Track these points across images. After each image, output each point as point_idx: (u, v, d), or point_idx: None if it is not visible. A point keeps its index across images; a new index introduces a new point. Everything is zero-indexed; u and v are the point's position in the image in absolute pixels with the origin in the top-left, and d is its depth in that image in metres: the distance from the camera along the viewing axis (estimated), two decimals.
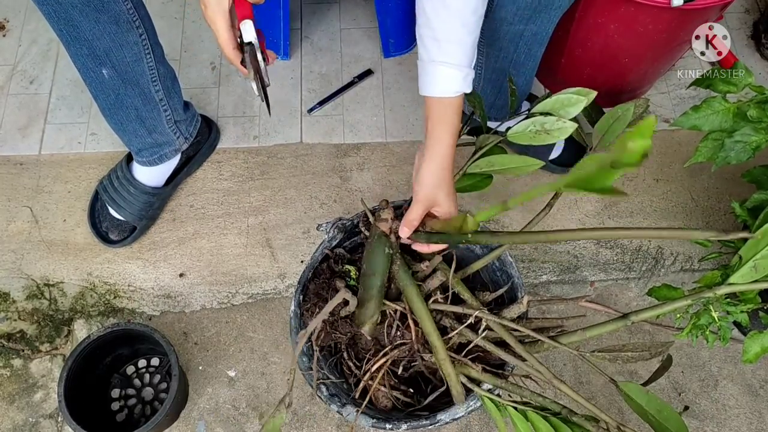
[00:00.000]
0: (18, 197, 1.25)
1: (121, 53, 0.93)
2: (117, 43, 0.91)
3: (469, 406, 0.80)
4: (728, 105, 0.90)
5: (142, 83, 1.00)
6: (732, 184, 1.29)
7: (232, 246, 1.21)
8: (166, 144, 1.14)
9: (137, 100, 1.02)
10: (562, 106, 0.79)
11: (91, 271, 1.18)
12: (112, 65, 0.94)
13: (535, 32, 0.96)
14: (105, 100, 1.01)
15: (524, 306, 0.82)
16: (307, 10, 1.49)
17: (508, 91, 1.12)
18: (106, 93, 0.99)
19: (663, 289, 0.85)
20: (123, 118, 1.05)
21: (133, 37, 0.93)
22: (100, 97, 1.01)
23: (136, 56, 0.95)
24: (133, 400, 1.07)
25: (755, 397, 1.11)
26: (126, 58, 0.94)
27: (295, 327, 0.87)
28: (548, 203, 0.88)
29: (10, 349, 1.12)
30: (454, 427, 1.07)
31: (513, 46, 0.99)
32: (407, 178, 1.28)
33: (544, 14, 0.92)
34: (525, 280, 1.20)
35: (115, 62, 0.94)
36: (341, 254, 0.92)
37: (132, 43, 0.93)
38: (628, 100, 0.87)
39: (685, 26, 1.08)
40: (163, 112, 1.08)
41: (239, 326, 1.14)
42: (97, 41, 0.89)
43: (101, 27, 0.88)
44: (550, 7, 0.90)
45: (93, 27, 0.87)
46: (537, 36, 0.97)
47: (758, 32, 1.44)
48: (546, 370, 0.74)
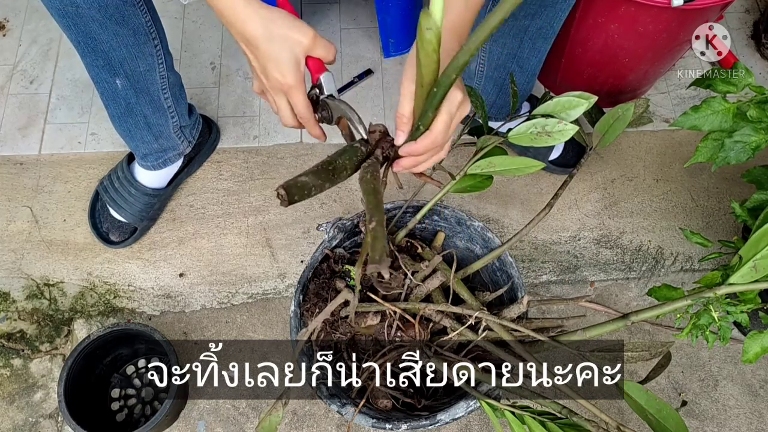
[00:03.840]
0: (18, 197, 1.25)
1: (135, 64, 0.93)
2: (133, 55, 0.91)
3: (468, 406, 0.80)
4: (728, 105, 0.90)
5: (153, 92, 1.00)
6: (732, 184, 1.29)
7: (232, 246, 1.21)
8: (171, 149, 1.15)
9: (147, 108, 1.02)
10: (563, 108, 0.79)
11: (91, 270, 1.18)
12: (125, 75, 0.94)
13: (540, 27, 0.95)
14: (116, 108, 1.01)
15: (524, 306, 0.82)
16: (307, 10, 1.49)
17: (508, 91, 1.12)
18: (118, 102, 0.99)
19: (663, 289, 0.85)
20: (132, 126, 1.05)
21: (149, 48, 0.93)
22: (111, 105, 1.01)
23: (149, 66, 0.96)
24: (133, 399, 1.07)
25: (755, 397, 1.11)
26: (140, 68, 0.94)
27: (295, 327, 0.87)
28: (548, 203, 0.88)
29: (10, 349, 1.12)
30: (454, 427, 1.07)
31: (517, 41, 0.97)
32: (407, 178, 1.28)
33: (551, 9, 0.91)
34: (525, 280, 1.20)
35: (129, 72, 0.94)
36: (341, 254, 0.92)
37: (147, 54, 0.93)
38: (629, 100, 0.87)
39: (685, 26, 1.08)
40: (170, 119, 1.08)
41: (239, 326, 1.14)
42: (113, 52, 0.89)
43: (119, 40, 0.88)
44: (556, 2, 0.89)
45: (111, 39, 0.87)
46: (542, 31, 0.96)
47: (758, 32, 1.44)
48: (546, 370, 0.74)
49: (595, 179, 1.30)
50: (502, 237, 1.23)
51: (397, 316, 0.83)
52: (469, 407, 0.80)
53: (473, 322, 0.80)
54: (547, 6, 0.90)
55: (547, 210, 0.88)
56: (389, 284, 0.86)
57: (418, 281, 0.85)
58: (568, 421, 0.73)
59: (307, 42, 0.64)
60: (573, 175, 0.88)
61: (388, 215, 0.95)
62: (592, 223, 1.25)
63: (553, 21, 0.94)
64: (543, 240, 1.24)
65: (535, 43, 0.98)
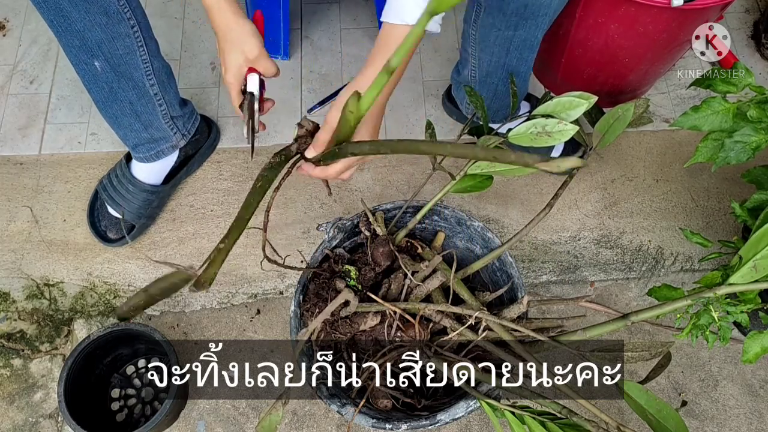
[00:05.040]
0: (18, 197, 1.25)
1: (113, 45, 0.93)
2: (108, 35, 0.91)
3: (468, 406, 0.80)
4: (728, 105, 0.90)
5: (136, 77, 1.00)
6: (732, 184, 1.29)
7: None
8: (163, 140, 1.14)
9: (131, 93, 1.02)
10: (563, 108, 0.79)
11: (91, 270, 1.18)
12: (104, 58, 0.94)
13: (524, 38, 0.98)
14: (98, 92, 1.01)
15: (524, 306, 0.82)
16: (307, 10, 1.49)
17: (503, 95, 1.13)
18: (100, 86, 0.99)
19: (663, 290, 0.85)
20: (117, 112, 1.04)
21: (124, 29, 0.93)
22: (93, 89, 1.01)
23: (128, 49, 0.95)
24: (133, 400, 1.07)
25: (755, 397, 1.11)
26: (118, 51, 0.94)
27: (295, 327, 0.87)
28: (548, 203, 0.88)
29: (10, 349, 1.12)
30: (454, 427, 1.07)
31: (504, 51, 1.01)
32: (407, 178, 1.28)
33: (531, 21, 0.94)
34: (525, 280, 1.20)
35: (107, 54, 0.94)
36: (341, 254, 0.92)
37: (123, 35, 0.93)
38: (629, 100, 0.87)
39: (685, 26, 1.08)
40: (158, 107, 1.07)
41: (239, 326, 1.14)
42: (88, 32, 0.89)
43: (91, 18, 0.88)
44: (536, 15, 0.92)
45: (83, 18, 0.87)
46: (526, 42, 0.99)
47: (758, 32, 1.44)
48: (546, 370, 0.75)
49: (595, 179, 1.30)
50: (502, 237, 1.23)
51: (397, 316, 0.83)
52: (469, 407, 0.80)
53: (473, 322, 0.80)
54: (528, 18, 0.93)
55: (547, 210, 0.88)
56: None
57: (418, 281, 0.85)
58: (568, 421, 0.73)
59: (251, 57, 0.80)
60: (573, 175, 0.88)
61: (388, 215, 0.95)
62: (592, 223, 1.25)
63: (536, 32, 0.97)
64: (543, 240, 1.24)
65: (522, 53, 1.02)
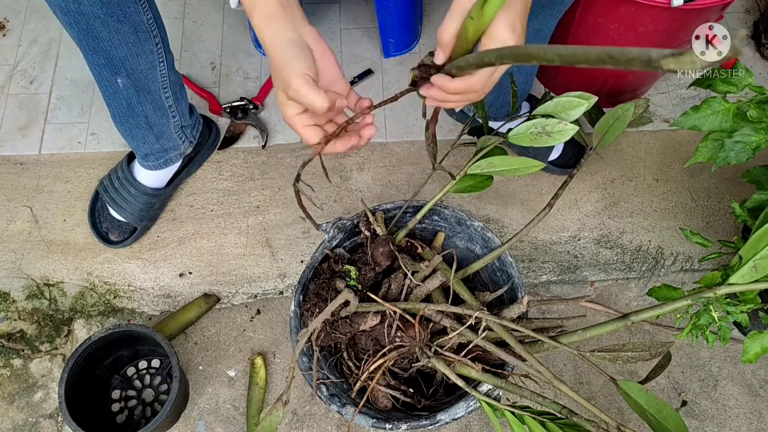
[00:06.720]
0: (18, 197, 1.25)
1: (136, 62, 0.93)
2: (134, 52, 0.91)
3: (468, 406, 0.80)
4: (728, 105, 0.90)
5: (154, 90, 1.00)
6: (732, 184, 1.29)
7: (232, 246, 1.21)
8: (172, 149, 1.15)
9: (148, 107, 1.02)
10: (563, 108, 0.79)
11: (91, 270, 1.18)
12: (127, 74, 0.94)
13: (537, 29, 0.95)
14: (117, 107, 1.01)
15: (524, 306, 0.82)
16: (307, 9, 1.49)
17: (506, 90, 1.12)
18: (119, 101, 1.00)
19: (663, 289, 0.85)
20: (133, 125, 1.05)
21: (149, 46, 0.93)
22: (112, 104, 1.01)
23: (150, 64, 0.96)
24: (134, 401, 1.07)
25: (755, 397, 1.11)
26: (141, 66, 0.94)
27: (295, 327, 0.87)
28: (548, 203, 0.88)
29: (10, 349, 1.12)
30: (454, 427, 1.07)
31: None
32: (407, 178, 1.28)
33: (548, 10, 0.91)
34: (525, 280, 1.20)
35: (130, 71, 0.94)
36: (341, 254, 0.92)
37: (148, 52, 0.93)
38: (629, 100, 0.87)
39: (685, 26, 1.08)
40: (171, 119, 1.08)
41: (239, 326, 1.14)
42: (114, 50, 0.89)
43: (121, 37, 0.88)
44: (554, 3, 0.90)
45: (112, 37, 0.87)
46: (539, 33, 0.96)
47: (758, 32, 1.44)
48: (546, 370, 0.75)
49: (595, 179, 1.30)
50: (502, 237, 1.23)
51: (397, 316, 0.83)
52: (469, 407, 0.80)
53: (473, 322, 0.80)
54: (545, 7, 0.90)
55: (547, 210, 0.88)
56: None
57: (418, 281, 0.85)
58: (568, 421, 0.73)
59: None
60: (573, 175, 0.88)
61: (388, 215, 0.95)
62: (592, 223, 1.25)
63: (549, 21, 0.95)
64: (543, 240, 1.24)
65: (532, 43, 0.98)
